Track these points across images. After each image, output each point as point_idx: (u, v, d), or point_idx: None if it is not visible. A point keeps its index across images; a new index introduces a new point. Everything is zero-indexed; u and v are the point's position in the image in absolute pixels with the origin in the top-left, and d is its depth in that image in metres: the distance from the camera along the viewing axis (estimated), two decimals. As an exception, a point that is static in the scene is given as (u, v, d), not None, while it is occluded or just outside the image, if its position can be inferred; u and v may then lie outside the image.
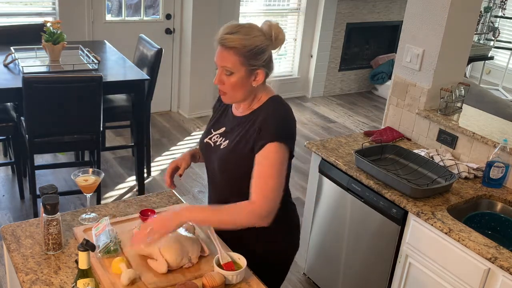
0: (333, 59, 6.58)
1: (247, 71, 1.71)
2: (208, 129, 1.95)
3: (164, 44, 4.93)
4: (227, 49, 1.68)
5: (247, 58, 1.69)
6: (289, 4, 6.19)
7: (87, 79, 3.27)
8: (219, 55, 1.71)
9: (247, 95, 1.77)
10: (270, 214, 1.68)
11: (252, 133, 1.75)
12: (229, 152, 1.80)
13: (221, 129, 1.89)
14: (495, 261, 2.00)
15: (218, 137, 1.88)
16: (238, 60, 1.69)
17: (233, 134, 1.83)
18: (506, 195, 2.50)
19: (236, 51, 1.68)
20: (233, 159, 1.79)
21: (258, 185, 1.68)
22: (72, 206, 3.73)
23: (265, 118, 1.74)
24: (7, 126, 3.53)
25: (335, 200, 2.78)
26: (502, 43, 7.42)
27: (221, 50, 1.70)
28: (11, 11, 4.56)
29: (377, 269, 2.60)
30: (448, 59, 2.89)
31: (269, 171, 1.68)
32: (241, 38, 1.68)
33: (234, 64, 1.69)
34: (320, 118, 5.94)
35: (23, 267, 1.70)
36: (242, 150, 1.76)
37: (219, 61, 1.71)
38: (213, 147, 1.88)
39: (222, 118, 1.92)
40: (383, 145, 2.75)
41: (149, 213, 1.96)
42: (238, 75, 1.71)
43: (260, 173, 1.69)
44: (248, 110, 1.82)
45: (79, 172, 2.02)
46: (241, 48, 1.67)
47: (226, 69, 1.70)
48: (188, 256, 1.72)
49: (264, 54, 1.72)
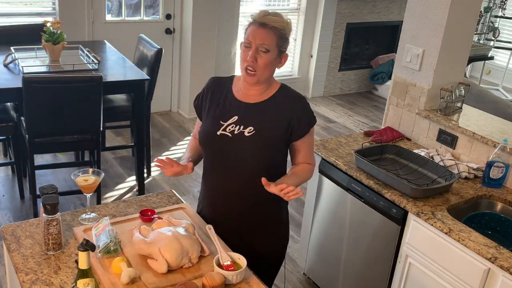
0: (333, 59, 6.58)
1: (278, 52, 1.85)
2: (216, 121, 1.92)
3: (164, 44, 4.93)
4: (268, 28, 1.81)
5: (281, 40, 1.84)
6: (289, 4, 6.19)
7: (87, 79, 3.27)
8: (257, 34, 1.82)
9: (270, 76, 1.90)
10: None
11: (282, 117, 1.88)
12: (260, 137, 1.87)
13: (233, 118, 1.90)
14: (495, 261, 2.00)
15: (234, 126, 1.90)
16: (275, 40, 1.82)
17: (255, 119, 1.88)
18: (506, 195, 2.50)
19: (276, 32, 1.82)
20: (266, 142, 1.88)
21: (309, 156, 2.00)
22: (72, 206, 3.73)
23: (302, 106, 1.92)
24: (7, 126, 3.53)
25: (335, 200, 2.78)
26: (502, 43, 7.42)
27: (260, 29, 1.82)
28: (11, 11, 4.56)
29: (377, 269, 2.60)
30: (448, 59, 2.89)
31: (312, 144, 2.01)
32: (282, 21, 1.85)
33: (271, 43, 1.82)
34: (320, 118, 5.94)
35: (23, 267, 1.70)
36: (274, 133, 1.88)
37: (258, 39, 1.81)
38: (233, 137, 1.88)
39: (226, 108, 1.93)
40: (383, 145, 2.75)
41: (149, 213, 1.97)
42: (272, 54, 1.83)
43: (308, 150, 1.99)
44: (264, 95, 1.91)
45: (79, 172, 2.02)
46: (280, 29, 1.83)
47: (264, 46, 1.81)
48: (188, 256, 1.72)
49: (288, 41, 1.90)
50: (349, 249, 2.75)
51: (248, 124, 1.88)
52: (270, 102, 1.91)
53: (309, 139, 1.97)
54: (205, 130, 1.95)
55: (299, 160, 1.98)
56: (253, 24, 1.84)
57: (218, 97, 1.95)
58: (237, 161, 1.90)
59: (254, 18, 1.86)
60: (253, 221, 1.98)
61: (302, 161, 1.98)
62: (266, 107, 1.90)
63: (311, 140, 1.99)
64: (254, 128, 1.87)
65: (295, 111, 1.90)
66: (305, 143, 1.96)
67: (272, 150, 1.90)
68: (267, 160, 1.90)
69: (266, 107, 1.90)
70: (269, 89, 1.92)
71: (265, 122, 1.88)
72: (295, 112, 1.90)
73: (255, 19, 1.85)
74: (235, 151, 1.89)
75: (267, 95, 1.91)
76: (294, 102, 1.92)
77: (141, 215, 1.96)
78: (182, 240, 1.73)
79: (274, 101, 1.91)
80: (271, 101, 1.91)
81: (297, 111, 1.90)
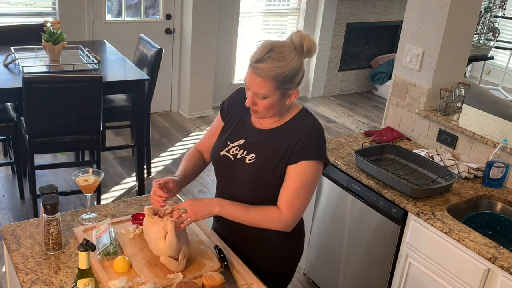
0: (333, 59, 6.57)
1: (281, 94, 1.67)
2: (224, 140, 1.86)
3: (164, 44, 4.93)
4: (262, 76, 1.63)
5: (281, 84, 1.65)
6: (289, 4, 6.18)
7: (87, 79, 3.27)
8: (251, 81, 1.66)
9: (280, 112, 1.75)
10: (295, 224, 1.78)
11: (286, 146, 1.73)
12: (260, 167, 1.76)
13: (240, 141, 1.82)
14: (495, 261, 2.00)
15: (238, 149, 1.81)
16: (272, 87, 1.64)
17: (259, 147, 1.78)
18: (506, 195, 2.50)
19: (270, 79, 1.63)
20: (265, 173, 1.76)
21: (290, 197, 1.73)
22: (72, 206, 3.73)
23: (306, 134, 1.72)
24: (7, 126, 3.53)
25: (335, 200, 2.78)
26: (502, 43, 7.42)
27: (254, 76, 1.64)
28: (11, 11, 4.56)
29: (377, 269, 2.60)
30: (448, 59, 2.89)
31: (303, 186, 1.72)
32: (275, 67, 1.62)
33: (268, 90, 1.65)
34: (320, 118, 5.91)
35: (23, 267, 1.70)
36: (274, 163, 1.74)
37: (252, 86, 1.66)
38: (234, 161, 1.81)
39: (238, 130, 1.85)
40: (383, 145, 2.75)
41: (141, 217, 1.95)
42: (272, 99, 1.67)
43: (294, 187, 1.72)
44: (278, 122, 1.78)
45: (79, 172, 2.02)
46: (275, 76, 1.62)
47: (260, 95, 1.66)
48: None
49: (299, 73, 1.68)
50: (349, 249, 2.75)
51: (252, 150, 1.78)
52: (281, 129, 1.76)
53: (304, 176, 1.71)
54: (214, 145, 1.90)
55: (280, 195, 1.74)
56: (249, 66, 1.65)
57: (238, 114, 1.86)
58: (235, 184, 1.83)
59: (250, 59, 1.66)
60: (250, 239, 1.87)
61: (281, 198, 1.74)
62: (275, 135, 1.76)
63: (307, 181, 1.71)
64: (255, 156, 1.76)
65: (303, 134, 1.71)
66: (297, 176, 1.71)
67: (270, 183, 1.76)
68: (263, 192, 1.79)
69: (276, 135, 1.76)
70: (285, 116, 1.78)
71: (268, 151, 1.75)
72: (303, 135, 1.71)
73: (250, 61, 1.65)
74: (234, 174, 1.82)
75: (281, 122, 1.77)
76: (306, 126, 1.74)
77: (132, 219, 1.95)
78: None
79: (286, 128, 1.76)
80: (283, 128, 1.76)
81: (305, 134, 1.71)
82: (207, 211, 1.74)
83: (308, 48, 1.66)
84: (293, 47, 1.66)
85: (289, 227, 1.77)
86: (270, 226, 1.76)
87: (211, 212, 1.75)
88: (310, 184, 1.73)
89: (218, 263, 1.76)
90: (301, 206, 1.75)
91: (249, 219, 1.75)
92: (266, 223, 1.76)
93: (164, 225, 1.69)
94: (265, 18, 6.08)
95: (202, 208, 1.73)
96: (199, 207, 1.73)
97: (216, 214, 1.75)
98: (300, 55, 1.67)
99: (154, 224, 1.71)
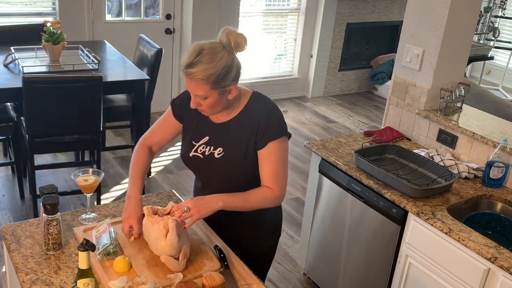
0: (333, 59, 6.57)
1: (220, 92, 1.73)
2: (188, 141, 1.92)
3: (164, 44, 4.93)
4: (195, 80, 1.68)
5: (216, 83, 1.70)
6: (289, 4, 6.18)
7: (87, 79, 3.27)
8: (188, 85, 1.73)
9: (226, 107, 1.81)
10: (284, 195, 1.91)
11: (249, 132, 1.82)
12: (230, 158, 1.83)
13: (204, 138, 1.89)
14: (495, 261, 2.00)
15: (204, 147, 1.88)
16: (208, 88, 1.70)
17: (224, 140, 1.85)
18: (506, 195, 2.50)
19: (204, 81, 1.68)
20: (236, 162, 1.83)
21: (272, 176, 1.84)
22: (72, 206, 3.73)
23: (265, 117, 1.81)
24: (7, 126, 3.53)
25: (335, 200, 2.78)
26: (502, 43, 7.42)
27: (188, 80, 1.71)
28: (11, 11, 4.56)
29: (377, 269, 2.60)
30: (448, 59, 2.89)
31: (281, 163, 1.84)
32: (205, 69, 1.67)
33: (205, 92, 1.71)
34: (320, 118, 5.94)
35: (23, 267, 1.70)
36: (242, 152, 1.83)
37: (190, 90, 1.74)
38: (204, 158, 1.88)
39: (199, 128, 1.91)
40: (383, 145, 2.75)
41: None
42: (212, 98, 1.73)
43: (272, 166, 1.83)
44: (232, 113, 1.85)
45: (79, 172, 2.02)
46: (208, 77, 1.67)
47: (200, 96, 1.73)
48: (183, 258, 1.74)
49: (231, 70, 1.72)
50: (349, 249, 2.75)
51: (217, 145, 1.85)
52: (238, 119, 1.84)
53: (277, 154, 1.82)
54: (181, 150, 1.96)
55: (263, 177, 1.84)
56: (182, 71, 1.72)
57: (194, 113, 1.87)
58: (211, 179, 1.92)
59: (181, 63, 1.72)
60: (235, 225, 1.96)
61: (265, 179, 1.84)
62: (235, 125, 1.84)
63: (281, 157, 1.83)
64: (223, 149, 1.84)
65: (262, 118, 1.80)
66: (270, 156, 1.81)
67: (244, 168, 1.84)
68: (240, 179, 1.87)
69: (235, 125, 1.84)
70: (238, 105, 1.84)
71: (233, 142, 1.83)
72: (262, 119, 1.80)
73: (181, 66, 1.71)
74: (208, 171, 1.90)
75: (236, 112, 1.84)
76: (262, 110, 1.83)
77: None
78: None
79: (243, 116, 1.84)
80: (240, 117, 1.84)
81: (264, 118, 1.80)
82: (210, 208, 1.76)
83: (236, 43, 1.71)
84: (221, 46, 1.71)
85: (282, 200, 1.92)
86: (268, 205, 1.88)
87: (214, 208, 1.77)
88: (284, 158, 1.85)
89: (218, 263, 1.76)
90: (285, 179, 1.87)
91: (249, 204, 1.84)
92: (264, 204, 1.86)
93: (165, 224, 1.69)
94: (265, 18, 6.08)
95: (204, 206, 1.75)
96: (201, 205, 1.75)
97: (219, 209, 1.78)
98: (230, 52, 1.72)
99: (155, 223, 1.71)
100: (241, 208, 1.83)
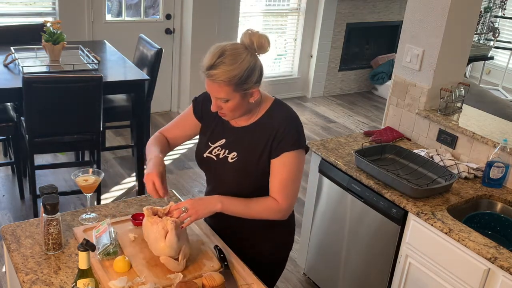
0: (333, 59, 6.57)
1: (241, 95, 1.69)
2: (205, 142, 1.90)
3: (164, 44, 4.93)
4: (217, 82, 1.65)
5: (238, 85, 1.66)
6: (289, 4, 6.18)
7: (87, 79, 3.27)
8: (209, 87, 1.69)
9: (247, 111, 1.78)
10: (291, 211, 1.85)
11: (265, 140, 1.77)
12: (243, 164, 1.80)
13: (220, 141, 1.86)
14: (495, 261, 2.00)
15: (219, 149, 1.85)
16: (230, 90, 1.66)
17: (239, 145, 1.81)
18: (506, 195, 2.50)
19: (226, 83, 1.64)
20: (249, 169, 1.80)
21: (281, 188, 1.77)
22: (72, 206, 3.73)
23: (283, 126, 1.75)
24: (7, 126, 3.53)
25: (335, 200, 2.78)
26: (502, 43, 7.42)
27: (210, 82, 1.67)
28: (11, 11, 4.56)
29: (377, 269, 2.60)
30: (448, 59, 2.89)
31: (292, 176, 1.78)
32: (227, 71, 1.63)
33: (227, 94, 1.67)
34: (320, 118, 5.94)
35: (23, 267, 1.70)
36: (255, 159, 1.79)
37: (211, 92, 1.70)
38: (217, 161, 1.85)
39: (218, 130, 1.88)
40: (383, 145, 2.75)
41: (141, 217, 1.95)
42: (234, 101, 1.70)
43: (283, 177, 1.77)
44: (252, 118, 1.81)
45: (79, 172, 2.02)
46: (230, 79, 1.64)
47: (221, 99, 1.69)
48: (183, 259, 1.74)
49: (254, 72, 1.68)
50: (349, 249, 2.75)
51: (233, 149, 1.82)
52: (257, 125, 1.80)
53: (290, 166, 1.76)
54: (196, 149, 1.94)
55: (271, 188, 1.79)
56: (203, 73, 1.67)
57: (215, 114, 1.83)
58: (223, 182, 1.88)
59: (202, 65, 1.67)
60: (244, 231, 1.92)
61: (273, 190, 1.79)
62: (252, 130, 1.80)
63: (294, 170, 1.77)
64: (237, 154, 1.80)
65: (280, 127, 1.75)
66: (283, 168, 1.75)
67: (256, 177, 1.80)
68: (251, 186, 1.83)
69: (253, 130, 1.80)
70: (258, 111, 1.81)
71: (249, 148, 1.79)
72: (280, 127, 1.75)
73: (203, 68, 1.67)
74: (220, 174, 1.87)
75: (256, 118, 1.81)
76: (282, 118, 1.78)
77: (132, 219, 1.95)
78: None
79: (261, 122, 1.80)
80: (259, 123, 1.80)
81: (282, 127, 1.75)
82: (208, 209, 1.75)
83: (259, 44, 1.67)
84: (243, 47, 1.67)
85: (286, 215, 1.83)
86: (269, 216, 1.81)
87: (213, 209, 1.75)
88: (297, 172, 1.78)
89: (218, 263, 1.76)
90: (293, 193, 1.80)
91: (250, 212, 1.79)
92: (265, 215, 1.80)
93: (164, 225, 1.69)
94: (265, 18, 6.08)
95: (203, 206, 1.74)
96: (200, 206, 1.74)
97: (217, 211, 1.76)
98: (253, 54, 1.68)
99: (154, 224, 1.71)
100: (240, 213, 1.79)
